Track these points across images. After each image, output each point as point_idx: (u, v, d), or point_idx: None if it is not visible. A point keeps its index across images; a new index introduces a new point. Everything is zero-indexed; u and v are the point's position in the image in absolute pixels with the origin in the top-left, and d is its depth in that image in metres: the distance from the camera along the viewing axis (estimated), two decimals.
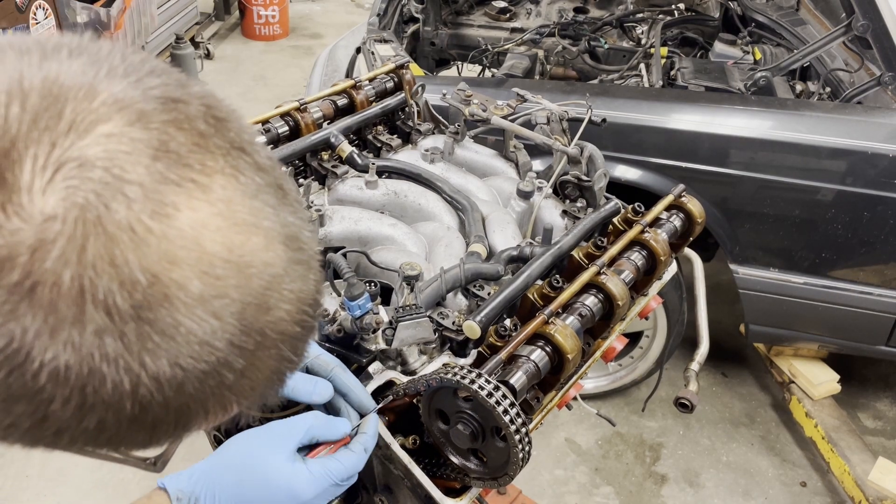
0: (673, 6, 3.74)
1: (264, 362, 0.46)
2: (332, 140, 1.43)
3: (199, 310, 0.41)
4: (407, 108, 1.65)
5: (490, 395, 0.83)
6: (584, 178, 1.46)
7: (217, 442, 1.30)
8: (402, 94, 1.64)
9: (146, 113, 0.40)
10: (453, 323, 1.07)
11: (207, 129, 0.42)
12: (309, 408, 0.92)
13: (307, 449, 0.84)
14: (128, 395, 0.41)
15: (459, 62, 3.90)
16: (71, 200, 0.37)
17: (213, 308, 0.41)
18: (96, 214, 0.37)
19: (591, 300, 1.09)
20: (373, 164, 1.41)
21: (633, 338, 2.88)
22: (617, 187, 2.42)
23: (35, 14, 4.00)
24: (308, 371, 0.91)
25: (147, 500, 0.77)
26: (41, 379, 0.38)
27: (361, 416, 0.92)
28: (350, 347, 1.04)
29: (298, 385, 0.88)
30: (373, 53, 2.76)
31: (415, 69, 1.97)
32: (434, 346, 1.08)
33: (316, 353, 0.92)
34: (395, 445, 0.95)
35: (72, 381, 0.39)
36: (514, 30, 3.75)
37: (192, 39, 5.64)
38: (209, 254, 0.41)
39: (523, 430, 0.84)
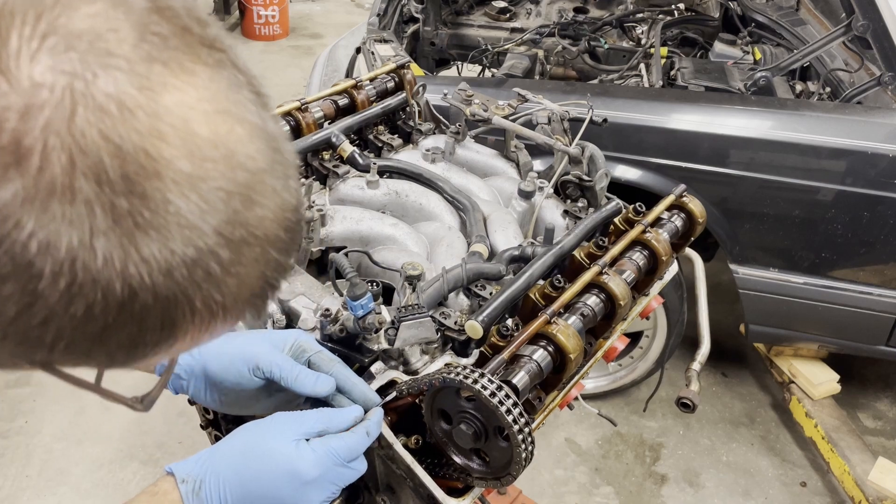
0: (673, 6, 3.74)
1: (250, 262, 0.46)
2: (334, 140, 1.43)
3: (187, 190, 0.41)
4: (408, 108, 1.65)
5: (493, 394, 0.83)
6: (586, 178, 1.46)
7: (217, 441, 1.30)
8: (403, 94, 1.64)
9: (130, 1, 0.40)
10: (455, 323, 1.07)
11: (191, 24, 0.43)
12: (312, 404, 0.93)
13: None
14: (117, 275, 0.40)
15: (459, 62, 3.90)
16: (59, 69, 0.37)
17: (201, 190, 0.41)
18: (84, 84, 0.37)
19: (592, 300, 1.09)
20: (374, 163, 1.41)
21: (634, 338, 2.89)
22: (618, 187, 2.42)
23: None
24: (310, 367, 0.92)
25: (154, 487, 0.79)
26: (30, 250, 0.37)
27: (366, 411, 0.93)
28: (352, 347, 1.04)
29: (301, 377, 0.89)
30: (373, 53, 2.76)
31: (415, 69, 1.97)
32: (436, 345, 1.08)
33: (317, 349, 0.93)
34: (397, 445, 0.95)
35: (61, 255, 0.38)
36: (514, 30, 3.75)
37: None
38: (196, 135, 0.41)
39: (526, 429, 0.85)
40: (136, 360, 0.47)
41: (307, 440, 0.82)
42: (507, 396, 0.84)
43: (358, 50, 3.09)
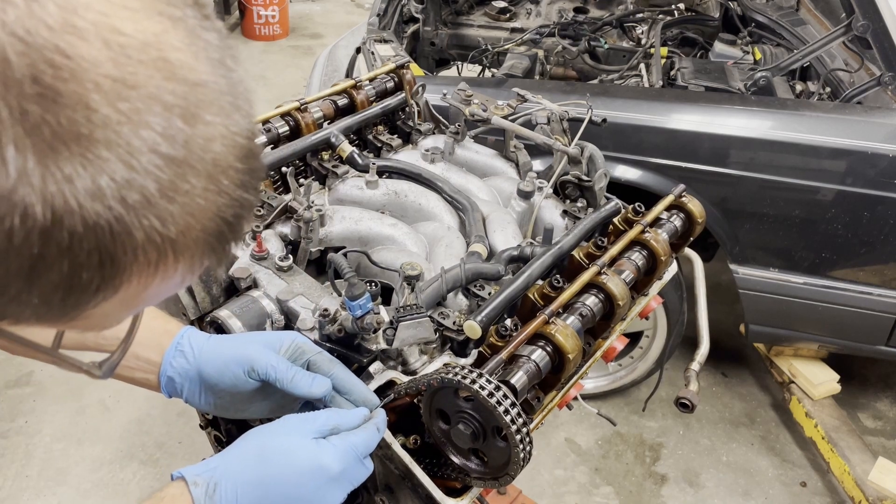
0: (673, 6, 3.74)
1: (197, 191, 0.41)
2: (333, 140, 1.43)
3: (114, 97, 0.36)
4: (407, 108, 1.65)
5: (491, 394, 0.83)
6: (585, 178, 1.46)
7: (217, 441, 1.31)
8: (403, 94, 1.64)
9: None
10: (454, 323, 1.07)
11: None
12: (309, 407, 0.92)
13: None
14: (36, 195, 0.35)
15: (459, 62, 3.90)
16: None
17: (130, 98, 0.36)
18: None
19: (591, 300, 1.09)
20: (373, 164, 1.41)
21: (634, 338, 2.88)
22: (617, 187, 2.42)
23: None
24: (308, 369, 0.91)
25: (160, 493, 0.75)
26: None
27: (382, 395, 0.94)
28: (351, 347, 1.04)
29: (297, 379, 0.87)
30: (373, 53, 2.76)
31: (415, 69, 1.97)
32: (435, 345, 1.08)
33: (315, 350, 0.92)
34: (395, 445, 0.95)
35: None
36: (514, 30, 3.75)
37: None
38: (121, 34, 0.36)
39: (524, 429, 0.84)
40: (79, 308, 0.42)
41: (324, 438, 0.81)
42: (506, 396, 0.84)
43: (358, 50, 3.09)
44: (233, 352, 0.89)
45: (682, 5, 3.76)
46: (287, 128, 1.45)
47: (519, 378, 0.92)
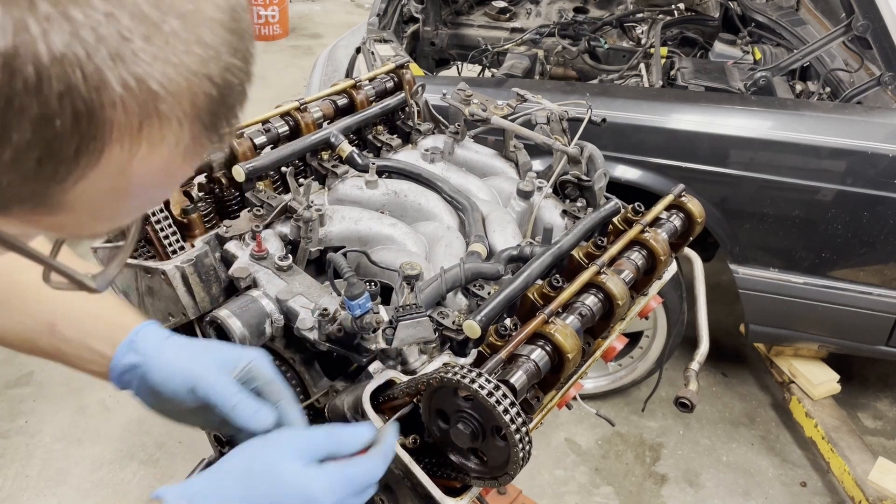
0: (673, 6, 3.74)
1: (180, 41, 0.38)
2: (332, 140, 1.43)
3: None
4: (407, 108, 1.65)
5: (490, 394, 0.83)
6: (584, 177, 1.46)
7: (217, 441, 1.31)
8: (402, 94, 1.64)
9: None
10: (453, 322, 1.07)
11: None
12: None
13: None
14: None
15: (459, 62, 3.91)
16: None
17: None
18: None
19: (591, 300, 1.09)
20: (373, 163, 1.41)
21: (633, 338, 2.89)
22: (617, 187, 2.42)
23: None
24: (259, 395, 0.85)
25: None
26: None
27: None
28: (350, 347, 1.04)
29: (239, 408, 0.81)
30: (373, 53, 2.76)
31: (415, 69, 1.97)
32: (434, 345, 1.08)
33: (268, 378, 0.86)
34: (395, 445, 0.95)
35: None
36: (514, 30, 3.75)
37: None
38: None
39: (523, 429, 0.84)
40: (60, 182, 0.39)
41: (317, 462, 0.75)
42: (505, 396, 0.84)
43: (358, 50, 3.09)
44: (180, 364, 0.84)
45: (682, 5, 3.76)
46: (287, 128, 1.45)
47: (518, 377, 0.92)
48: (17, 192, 0.39)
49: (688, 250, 1.49)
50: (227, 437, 1.24)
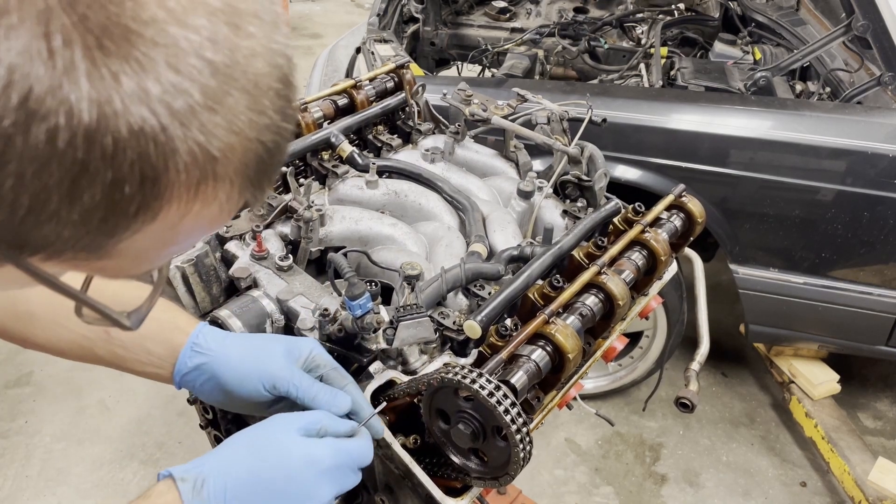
0: (673, 6, 3.74)
1: (240, 107, 0.41)
2: (333, 140, 1.43)
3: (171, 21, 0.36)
4: (407, 108, 1.65)
5: (491, 394, 0.83)
6: (585, 177, 1.46)
7: (217, 441, 1.31)
8: (403, 94, 1.64)
9: None
10: (454, 322, 1.07)
11: None
12: None
13: None
14: (82, 92, 0.34)
15: (459, 62, 3.91)
16: None
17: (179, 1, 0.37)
18: None
19: (591, 300, 1.09)
20: (373, 163, 1.41)
21: (633, 338, 2.89)
22: (617, 187, 2.42)
23: None
24: (322, 381, 0.91)
25: (148, 492, 0.74)
26: None
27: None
28: (351, 347, 1.04)
29: (318, 398, 0.87)
30: (373, 53, 2.76)
31: (415, 69, 1.97)
32: (435, 345, 1.08)
33: (332, 365, 0.92)
34: (395, 445, 0.95)
35: (11, 57, 0.33)
36: (514, 30, 3.75)
37: None
38: None
39: (524, 429, 0.84)
40: (117, 235, 0.41)
41: (313, 437, 0.81)
42: (506, 396, 0.84)
43: (358, 50, 3.09)
44: (254, 365, 0.88)
45: (682, 5, 3.76)
46: None
47: (519, 378, 0.92)
48: (74, 243, 0.41)
49: (688, 250, 1.49)
50: (226, 438, 1.24)
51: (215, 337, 0.92)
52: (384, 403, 0.96)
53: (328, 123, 1.52)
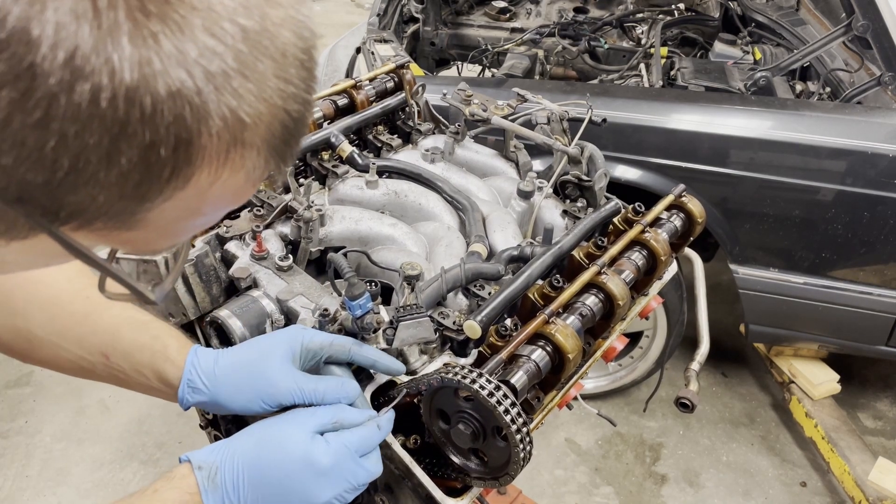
0: (673, 6, 3.74)
1: (269, 73, 0.42)
2: (333, 140, 1.43)
3: None
4: (407, 108, 1.65)
5: (491, 394, 0.83)
6: (585, 177, 1.46)
7: (217, 440, 1.30)
8: (403, 94, 1.64)
9: None
10: (454, 322, 1.07)
11: None
12: None
13: None
14: (124, 53, 0.36)
15: (459, 62, 3.91)
16: None
17: None
18: None
19: (591, 300, 1.09)
20: (373, 163, 1.41)
21: (634, 338, 2.89)
22: (617, 187, 2.42)
23: None
24: (328, 361, 0.93)
25: (170, 473, 0.79)
26: (13, 16, 0.33)
27: (392, 399, 0.95)
28: None
29: (327, 395, 0.88)
30: (373, 53, 2.76)
31: (415, 69, 1.97)
32: (435, 345, 1.08)
33: (330, 340, 0.93)
34: (395, 445, 0.95)
35: (61, 15, 0.34)
36: (514, 30, 3.75)
37: None
38: None
39: (524, 429, 0.84)
40: (149, 201, 0.42)
41: (321, 434, 0.83)
42: (506, 396, 0.84)
43: (358, 50, 3.09)
44: (253, 390, 0.88)
45: (682, 5, 3.76)
46: None
47: (519, 378, 0.92)
48: (108, 209, 0.42)
49: (688, 250, 1.49)
50: (226, 437, 1.24)
51: (207, 368, 0.91)
52: (405, 392, 0.97)
53: (328, 123, 1.52)
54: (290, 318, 1.11)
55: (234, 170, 0.44)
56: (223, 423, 1.26)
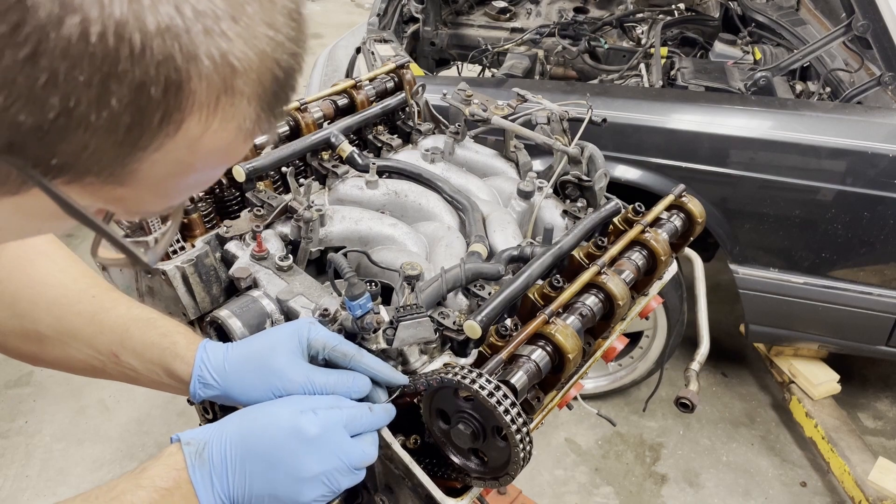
0: (673, 6, 3.74)
1: (257, 19, 0.42)
2: (333, 140, 1.43)
3: None
4: (407, 108, 1.65)
5: (491, 394, 0.83)
6: (585, 177, 1.46)
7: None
8: (403, 94, 1.64)
9: None
10: (454, 323, 1.07)
11: None
12: None
13: None
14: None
15: (459, 62, 3.91)
16: None
17: None
18: None
19: (591, 300, 1.09)
20: (373, 163, 1.41)
21: (634, 338, 2.89)
22: (617, 187, 2.43)
23: None
24: (328, 362, 0.93)
25: (159, 453, 0.79)
26: None
27: (392, 392, 0.95)
28: None
29: (338, 388, 0.88)
30: (373, 53, 2.76)
31: (415, 69, 1.97)
32: (435, 345, 1.07)
33: (334, 343, 0.93)
34: (395, 445, 0.95)
35: None
36: (514, 30, 3.75)
37: None
38: None
39: (524, 429, 0.85)
40: (141, 148, 0.42)
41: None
42: (506, 396, 0.84)
43: (358, 50, 3.09)
44: (264, 386, 0.88)
45: (682, 5, 3.76)
46: (287, 128, 1.45)
47: (519, 378, 0.92)
48: (101, 157, 0.41)
49: (688, 250, 1.49)
50: None
51: (217, 363, 0.92)
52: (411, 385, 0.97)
53: (328, 123, 1.52)
54: (289, 318, 1.11)
55: (225, 119, 0.44)
56: None
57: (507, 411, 0.83)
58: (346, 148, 1.42)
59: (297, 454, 0.79)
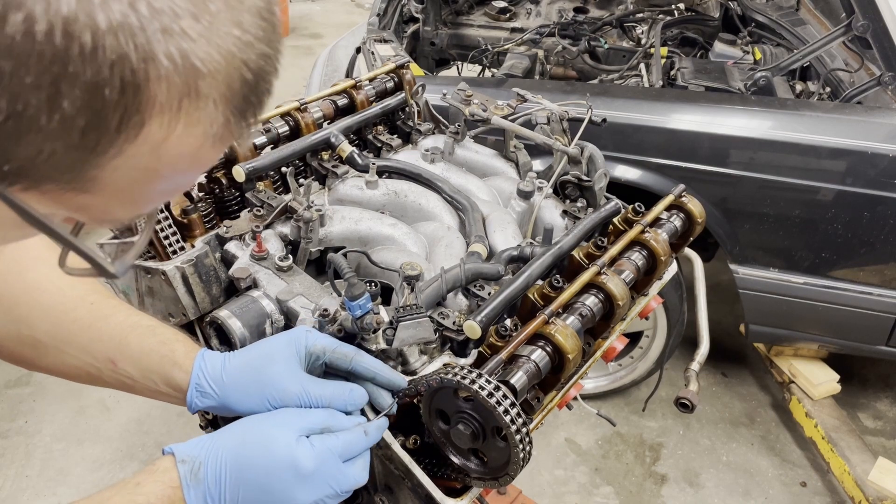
0: (673, 6, 3.74)
1: (222, 19, 0.40)
2: (333, 140, 1.43)
3: None
4: (407, 108, 1.65)
5: (490, 395, 0.83)
6: (585, 178, 1.46)
7: None
8: (403, 94, 1.64)
9: None
10: (454, 323, 1.07)
11: None
12: None
13: None
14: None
15: (459, 62, 3.91)
16: None
17: None
18: None
19: (591, 300, 1.09)
20: (373, 164, 1.41)
21: (633, 338, 2.89)
22: (617, 187, 2.42)
23: None
24: (328, 366, 0.92)
25: (153, 465, 0.78)
26: None
27: (394, 393, 0.94)
28: None
29: (334, 400, 0.88)
30: (373, 53, 2.76)
31: (415, 69, 1.97)
32: (435, 346, 1.07)
33: (333, 346, 0.93)
34: (395, 445, 0.95)
35: None
36: (514, 30, 3.75)
37: None
38: None
39: (524, 430, 0.84)
40: (99, 154, 0.39)
41: (307, 437, 0.82)
42: (505, 397, 0.84)
43: (358, 50, 3.09)
44: (260, 395, 0.88)
45: (682, 5, 3.76)
46: (287, 128, 1.45)
47: (519, 378, 0.92)
48: (57, 163, 0.39)
49: (688, 250, 1.49)
50: None
51: (215, 372, 0.91)
52: (412, 388, 0.97)
53: (328, 123, 1.52)
54: (289, 318, 1.11)
55: (190, 123, 0.42)
56: (223, 424, 1.26)
57: (506, 411, 0.83)
58: (346, 148, 1.42)
59: (291, 486, 0.79)
